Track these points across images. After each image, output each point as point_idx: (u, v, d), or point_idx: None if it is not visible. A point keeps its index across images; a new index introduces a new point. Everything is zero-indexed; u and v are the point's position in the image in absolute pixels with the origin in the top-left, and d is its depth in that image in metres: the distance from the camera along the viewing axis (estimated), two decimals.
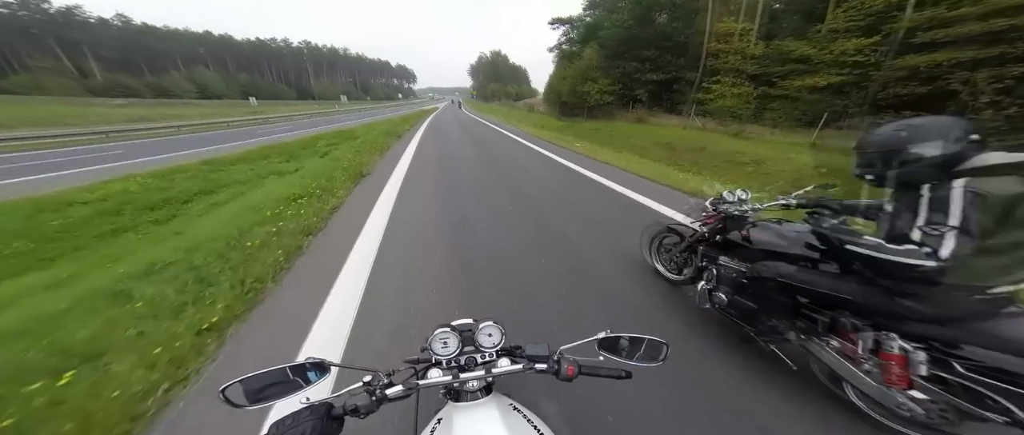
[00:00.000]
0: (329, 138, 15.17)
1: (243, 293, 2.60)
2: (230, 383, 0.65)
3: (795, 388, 1.68)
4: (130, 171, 8.65)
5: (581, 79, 28.01)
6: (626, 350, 0.83)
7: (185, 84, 63.32)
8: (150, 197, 6.60)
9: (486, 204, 5.28)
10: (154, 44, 72.23)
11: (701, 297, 2.12)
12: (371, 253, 3.34)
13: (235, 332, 2.27)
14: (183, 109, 40.58)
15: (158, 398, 1.71)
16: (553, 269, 3.02)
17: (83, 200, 6.20)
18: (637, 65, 24.67)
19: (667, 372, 1.56)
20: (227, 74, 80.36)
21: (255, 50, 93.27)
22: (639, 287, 2.71)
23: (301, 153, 11.58)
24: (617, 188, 6.18)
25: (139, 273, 2.99)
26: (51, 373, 1.78)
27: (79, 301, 2.61)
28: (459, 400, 0.80)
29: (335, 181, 6.64)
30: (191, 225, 5.03)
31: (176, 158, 11.18)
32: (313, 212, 4.59)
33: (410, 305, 2.50)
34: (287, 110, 43.53)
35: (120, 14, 67.92)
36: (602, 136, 20.48)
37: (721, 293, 1.96)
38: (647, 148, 16.39)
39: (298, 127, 24.06)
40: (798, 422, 1.55)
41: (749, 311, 1.79)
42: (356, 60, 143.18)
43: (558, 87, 35.16)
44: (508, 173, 7.75)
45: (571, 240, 3.68)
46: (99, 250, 4.34)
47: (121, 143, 16.49)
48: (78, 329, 2.20)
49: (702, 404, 1.65)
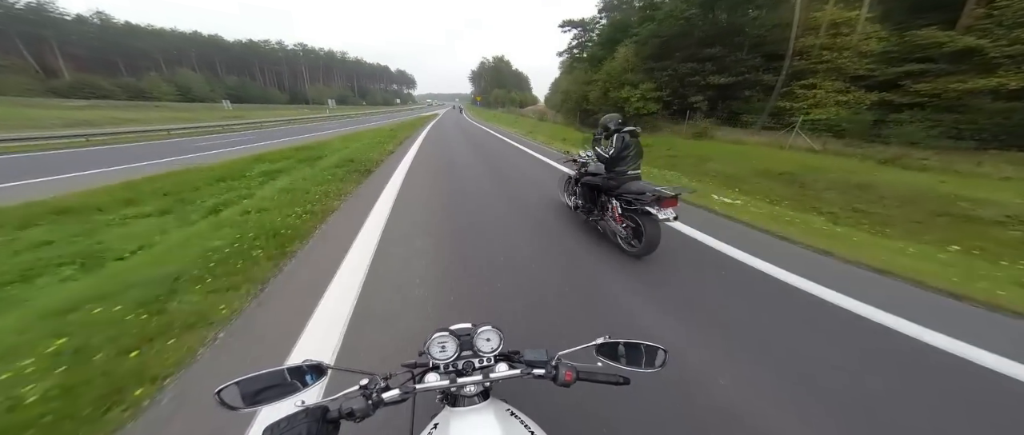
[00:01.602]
0: (275, 159, 9.90)
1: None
2: (225, 385, 0.63)
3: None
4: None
5: (615, 83, 22.91)
6: (624, 356, 0.81)
7: (164, 86, 58.17)
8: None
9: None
10: (136, 44, 67.29)
11: (573, 205, 4.48)
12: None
13: None
14: (144, 113, 35.38)
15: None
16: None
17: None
18: (694, 66, 19.56)
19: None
20: (214, 76, 75.46)
21: (246, 52, 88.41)
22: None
23: (188, 197, 6.26)
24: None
25: None
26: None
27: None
28: (456, 405, 0.78)
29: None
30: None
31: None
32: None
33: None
34: (265, 115, 38.35)
35: (99, 12, 62.99)
36: (661, 157, 15.24)
37: (578, 200, 4.27)
38: (745, 179, 11.14)
39: (262, 138, 18.75)
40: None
41: (585, 206, 4.05)
42: (354, 64, 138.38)
43: (575, 93, 30.04)
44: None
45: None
46: None
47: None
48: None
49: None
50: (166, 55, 71.47)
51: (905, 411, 1.72)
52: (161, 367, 1.95)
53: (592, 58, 30.43)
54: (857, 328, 2.37)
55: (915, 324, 2.36)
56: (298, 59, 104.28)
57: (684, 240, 3.92)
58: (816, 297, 2.73)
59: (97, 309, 2.42)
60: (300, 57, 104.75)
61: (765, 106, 18.46)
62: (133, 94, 55.53)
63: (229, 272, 3.01)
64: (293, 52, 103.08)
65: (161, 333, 2.20)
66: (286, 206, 4.87)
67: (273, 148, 12.87)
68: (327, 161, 8.79)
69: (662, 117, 21.43)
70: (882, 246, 4.16)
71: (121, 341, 2.10)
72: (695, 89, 19.79)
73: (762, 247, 3.68)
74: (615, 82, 22.84)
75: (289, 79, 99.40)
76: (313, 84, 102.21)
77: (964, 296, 2.79)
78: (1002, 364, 1.99)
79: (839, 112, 14.96)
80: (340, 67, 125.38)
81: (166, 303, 2.54)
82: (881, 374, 1.94)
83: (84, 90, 50.54)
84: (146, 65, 66.43)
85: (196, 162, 10.57)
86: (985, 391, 1.86)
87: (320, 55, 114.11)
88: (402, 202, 5.38)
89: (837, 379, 1.90)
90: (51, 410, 1.61)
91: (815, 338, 2.26)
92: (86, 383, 1.78)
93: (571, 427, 1.56)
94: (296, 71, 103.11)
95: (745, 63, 18.43)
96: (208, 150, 13.74)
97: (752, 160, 12.88)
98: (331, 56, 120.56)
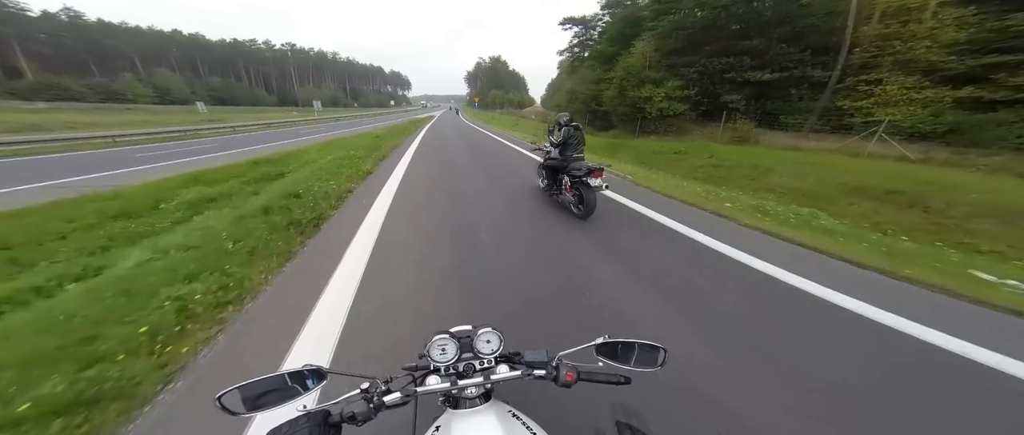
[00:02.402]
0: (217, 180, 7.16)
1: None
2: (227, 390, 0.63)
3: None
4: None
5: (634, 82, 20.41)
6: (624, 355, 0.80)
7: (139, 87, 54.61)
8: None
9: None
10: (111, 42, 63.57)
11: (543, 185, 5.49)
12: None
13: None
14: (110, 116, 32.26)
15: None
16: None
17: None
18: (729, 61, 17.10)
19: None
20: (195, 77, 71.86)
21: (231, 52, 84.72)
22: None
23: (26, 258, 3.55)
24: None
25: None
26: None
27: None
28: (458, 407, 0.78)
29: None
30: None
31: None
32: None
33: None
34: (244, 118, 35.29)
35: (68, 8, 59.17)
36: (702, 167, 12.73)
37: (546, 180, 5.26)
38: (831, 198, 8.70)
39: (228, 145, 15.89)
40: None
41: (549, 185, 5.12)
42: (346, 65, 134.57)
43: (584, 92, 27.63)
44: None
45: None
46: None
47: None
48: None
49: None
50: (144, 54, 67.71)
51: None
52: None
53: (600, 55, 27.97)
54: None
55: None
56: (286, 59, 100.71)
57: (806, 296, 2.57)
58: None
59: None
60: (288, 57, 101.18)
61: (810, 105, 16.07)
62: (105, 96, 51.87)
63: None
64: (281, 52, 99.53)
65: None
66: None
67: (228, 161, 10.09)
68: (277, 187, 6.04)
69: (689, 118, 18.96)
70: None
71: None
72: (729, 87, 17.33)
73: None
74: (634, 80, 20.33)
75: (278, 80, 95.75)
76: (302, 86, 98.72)
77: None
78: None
79: (916, 111, 12.57)
80: (331, 68, 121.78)
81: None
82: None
83: (49, 92, 46.97)
84: (122, 65, 62.70)
85: (118, 182, 7.84)
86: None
87: (310, 55, 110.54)
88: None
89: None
90: None
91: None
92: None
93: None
94: (284, 72, 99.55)
95: (790, 57, 15.99)
96: (147, 164, 10.91)
97: (828, 172, 10.35)
98: (322, 57, 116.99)
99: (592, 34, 46.61)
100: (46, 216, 5.24)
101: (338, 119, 42.07)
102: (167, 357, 1.95)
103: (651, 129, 20.87)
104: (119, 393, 1.67)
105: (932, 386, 1.81)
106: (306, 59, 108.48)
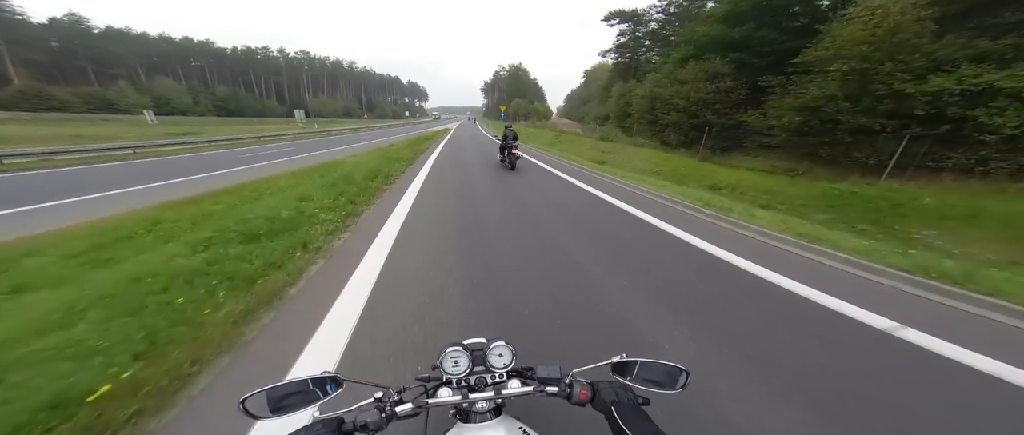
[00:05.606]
0: None
1: None
2: (252, 393, 0.64)
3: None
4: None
5: (898, 65, 11.95)
6: (641, 375, 0.76)
7: (135, 96, 50.37)
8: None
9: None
10: (114, 49, 60.26)
11: (500, 158, 10.46)
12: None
13: None
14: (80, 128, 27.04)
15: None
16: None
17: None
18: None
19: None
20: (202, 86, 68.10)
21: (242, 60, 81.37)
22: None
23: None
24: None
25: None
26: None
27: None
28: (468, 421, 0.76)
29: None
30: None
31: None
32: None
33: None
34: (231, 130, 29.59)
35: (71, 12, 56.03)
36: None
37: (504, 156, 10.13)
38: None
39: (172, 173, 9.49)
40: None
41: (502, 158, 10.29)
42: (362, 75, 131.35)
43: (682, 98, 19.70)
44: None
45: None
46: None
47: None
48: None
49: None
50: (148, 62, 64.31)
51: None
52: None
53: (697, 49, 20.36)
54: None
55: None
56: (301, 68, 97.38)
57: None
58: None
59: None
60: (302, 66, 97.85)
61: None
62: (97, 105, 47.68)
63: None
64: (295, 60, 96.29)
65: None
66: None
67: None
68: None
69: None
70: None
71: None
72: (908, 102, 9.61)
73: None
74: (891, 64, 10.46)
75: (291, 90, 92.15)
76: (316, 96, 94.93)
77: None
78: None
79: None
80: (346, 77, 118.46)
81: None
82: None
83: (36, 100, 42.86)
84: (122, 73, 59.09)
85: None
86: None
87: (325, 64, 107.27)
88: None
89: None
90: None
91: None
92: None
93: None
94: (298, 81, 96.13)
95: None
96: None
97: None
98: (338, 66, 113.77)
99: (641, 30, 39.75)
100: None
101: (331, 134, 33.45)
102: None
103: (764, 151, 13.81)
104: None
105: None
106: (321, 68, 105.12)
